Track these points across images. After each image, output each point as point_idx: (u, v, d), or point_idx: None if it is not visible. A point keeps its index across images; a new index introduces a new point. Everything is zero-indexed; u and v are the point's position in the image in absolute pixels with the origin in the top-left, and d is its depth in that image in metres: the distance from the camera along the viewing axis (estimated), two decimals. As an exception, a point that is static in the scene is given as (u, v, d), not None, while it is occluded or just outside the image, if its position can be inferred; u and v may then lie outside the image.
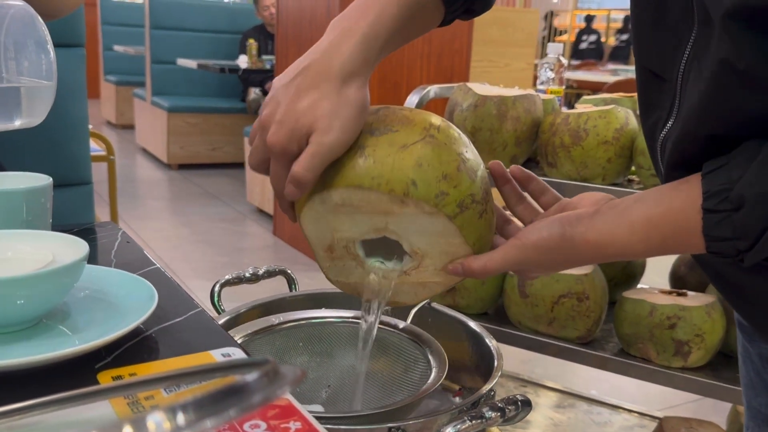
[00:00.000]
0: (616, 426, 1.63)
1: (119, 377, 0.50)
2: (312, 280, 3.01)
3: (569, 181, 1.32)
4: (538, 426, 1.64)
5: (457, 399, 0.91)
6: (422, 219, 0.57)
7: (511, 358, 2.18)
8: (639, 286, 1.57)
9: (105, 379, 0.50)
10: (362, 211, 0.58)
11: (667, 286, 1.47)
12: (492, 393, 0.77)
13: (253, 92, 4.89)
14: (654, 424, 1.61)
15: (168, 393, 0.46)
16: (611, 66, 8.91)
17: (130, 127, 6.15)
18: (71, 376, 0.50)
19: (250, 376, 0.29)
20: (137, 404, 0.45)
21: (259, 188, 3.85)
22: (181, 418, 0.27)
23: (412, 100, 1.53)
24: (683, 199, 0.50)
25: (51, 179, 0.74)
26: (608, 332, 1.42)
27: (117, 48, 5.96)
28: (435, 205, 0.56)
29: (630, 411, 1.68)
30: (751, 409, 0.76)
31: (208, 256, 3.22)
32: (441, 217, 0.56)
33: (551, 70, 1.59)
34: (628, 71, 7.79)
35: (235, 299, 0.94)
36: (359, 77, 0.58)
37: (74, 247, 0.59)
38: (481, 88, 1.42)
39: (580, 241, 0.54)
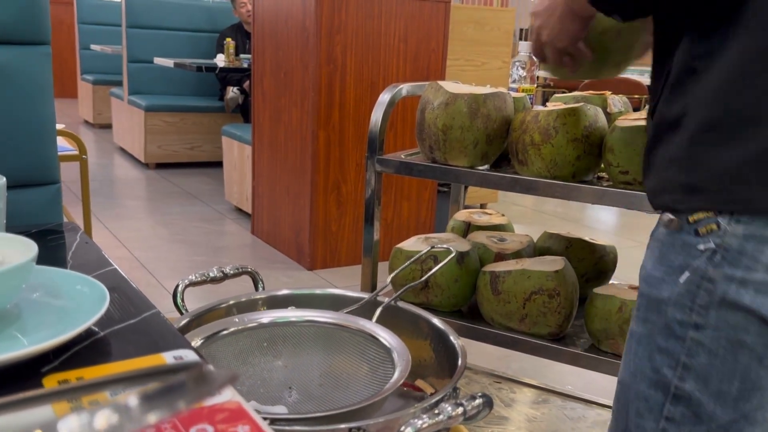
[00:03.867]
0: (590, 421, 1.64)
1: (66, 381, 0.49)
2: (290, 279, 3.00)
3: (540, 179, 1.32)
4: (513, 422, 1.65)
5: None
6: None
7: (487, 354, 2.19)
8: (611, 282, 1.58)
9: (51, 382, 0.49)
10: None
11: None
12: (457, 391, 0.77)
13: (231, 91, 4.86)
14: (627, 420, 1.62)
15: (113, 396, 0.46)
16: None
17: (108, 126, 6.08)
18: (17, 380, 0.49)
19: (174, 381, 0.28)
20: (80, 408, 0.44)
21: (237, 187, 3.83)
22: (99, 422, 0.26)
23: (384, 98, 1.52)
24: None
25: (4, 179, 0.73)
26: (580, 328, 1.42)
27: (94, 47, 5.90)
28: None
29: (603, 406, 1.69)
30: None
31: (186, 256, 3.20)
32: None
33: (523, 68, 1.60)
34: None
35: (208, 299, 0.93)
36: None
37: (23, 249, 0.58)
38: (452, 86, 1.42)
39: None
